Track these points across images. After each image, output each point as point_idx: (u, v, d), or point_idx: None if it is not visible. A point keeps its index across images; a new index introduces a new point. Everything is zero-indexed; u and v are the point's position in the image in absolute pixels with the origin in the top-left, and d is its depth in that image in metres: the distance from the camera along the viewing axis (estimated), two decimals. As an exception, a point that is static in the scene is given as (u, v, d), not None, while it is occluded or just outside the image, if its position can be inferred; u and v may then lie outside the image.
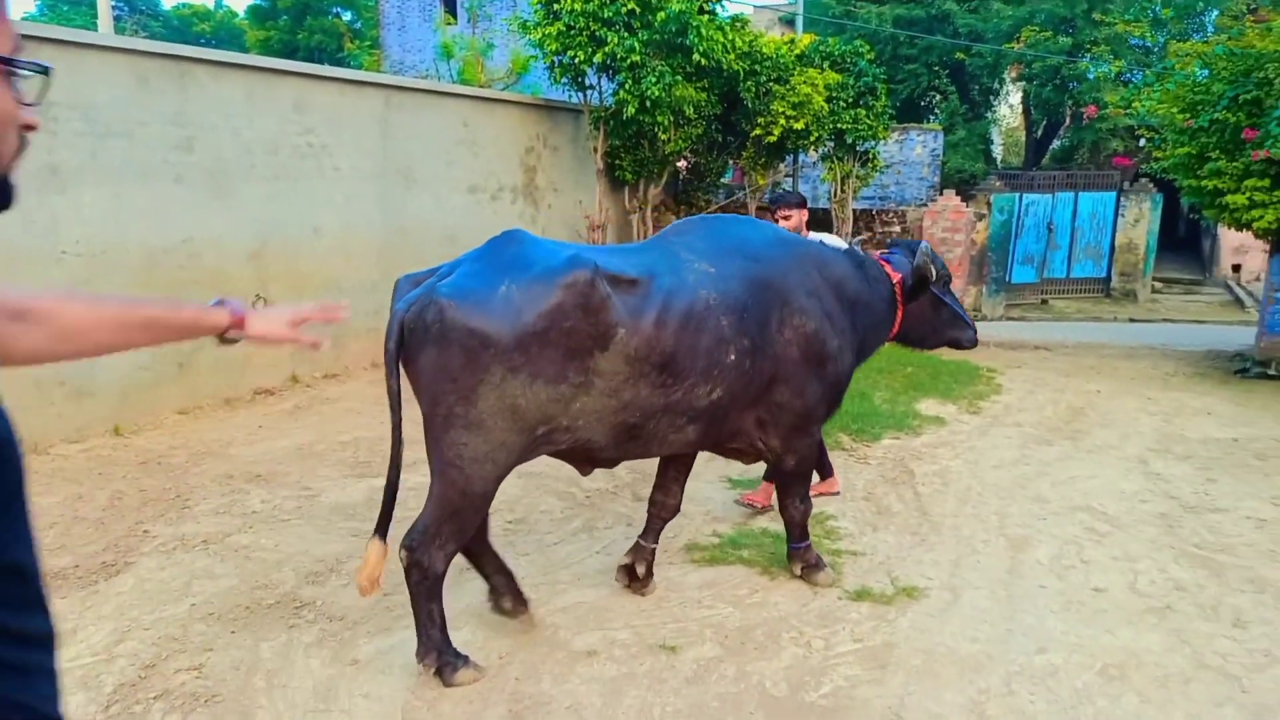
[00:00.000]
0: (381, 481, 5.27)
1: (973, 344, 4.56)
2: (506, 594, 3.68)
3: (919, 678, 3.31)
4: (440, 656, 3.23)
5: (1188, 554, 4.59)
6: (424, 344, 3.02)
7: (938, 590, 4.09)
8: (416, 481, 5.39)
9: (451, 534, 3.17)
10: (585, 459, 3.58)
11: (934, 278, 4.22)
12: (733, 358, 3.45)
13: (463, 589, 3.99)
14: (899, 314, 4.26)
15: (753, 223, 4.07)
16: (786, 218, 5.27)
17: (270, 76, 7.12)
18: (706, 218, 3.97)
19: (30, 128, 1.15)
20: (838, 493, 5.38)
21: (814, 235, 5.18)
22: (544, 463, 5.76)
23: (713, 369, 3.40)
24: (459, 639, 3.57)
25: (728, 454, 4.04)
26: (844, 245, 4.39)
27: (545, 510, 5.06)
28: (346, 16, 34.23)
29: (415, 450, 6.06)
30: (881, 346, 4.40)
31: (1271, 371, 9.92)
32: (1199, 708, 3.14)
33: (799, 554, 4.19)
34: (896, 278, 4.25)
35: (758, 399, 3.67)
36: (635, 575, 3.99)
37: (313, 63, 23.05)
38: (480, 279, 3.10)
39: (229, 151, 6.83)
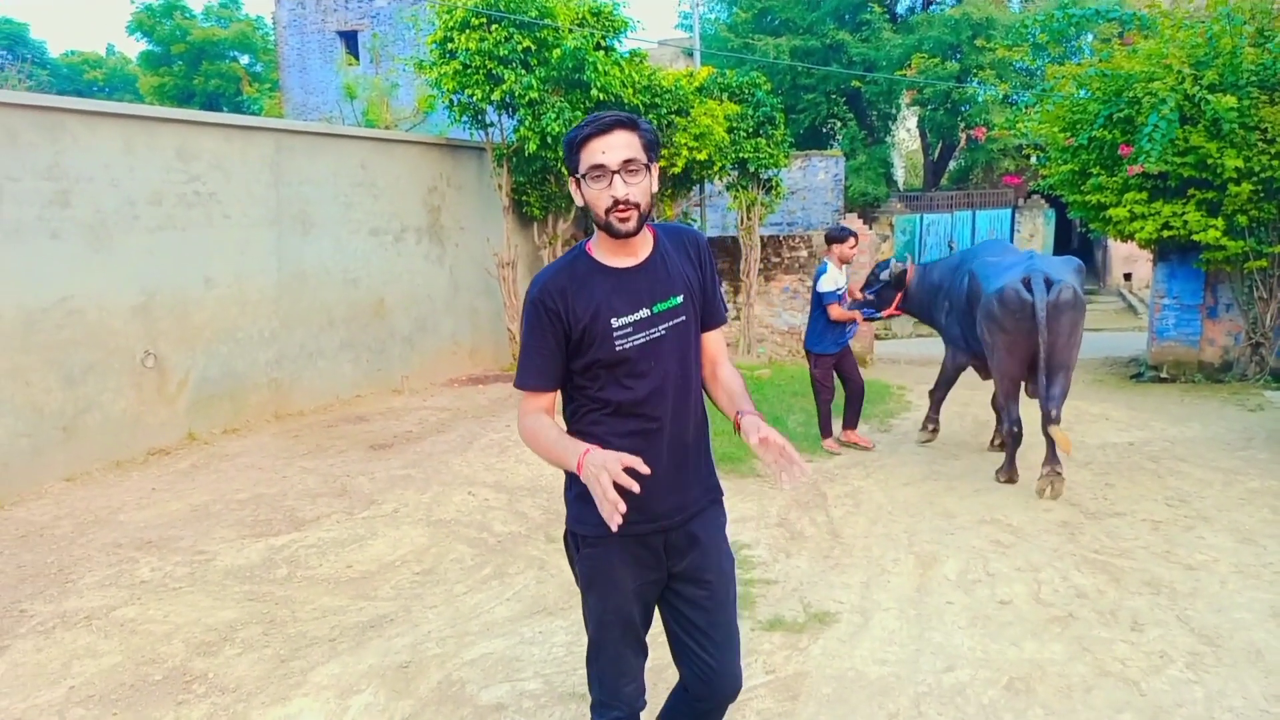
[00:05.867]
0: (281, 540, 5.10)
1: None
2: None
3: (830, 706, 3.29)
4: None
5: (1088, 560, 4.70)
6: (1065, 310, 5.71)
7: (849, 614, 4.09)
8: (319, 538, 5.20)
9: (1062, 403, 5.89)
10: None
11: None
12: None
13: (365, 649, 3.84)
14: None
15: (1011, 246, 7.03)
16: (853, 246, 7.08)
17: (149, 124, 6.86)
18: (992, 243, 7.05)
19: None
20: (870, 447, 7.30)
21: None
22: (455, 509, 5.66)
23: None
24: (361, 701, 3.43)
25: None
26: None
27: (455, 558, 4.92)
28: (244, 60, 33.45)
29: (318, 507, 5.80)
30: None
31: (1163, 375, 10.35)
32: (1100, 715, 3.18)
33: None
34: None
35: None
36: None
37: (211, 109, 22.45)
38: (1064, 278, 5.79)
39: (109, 204, 6.54)
